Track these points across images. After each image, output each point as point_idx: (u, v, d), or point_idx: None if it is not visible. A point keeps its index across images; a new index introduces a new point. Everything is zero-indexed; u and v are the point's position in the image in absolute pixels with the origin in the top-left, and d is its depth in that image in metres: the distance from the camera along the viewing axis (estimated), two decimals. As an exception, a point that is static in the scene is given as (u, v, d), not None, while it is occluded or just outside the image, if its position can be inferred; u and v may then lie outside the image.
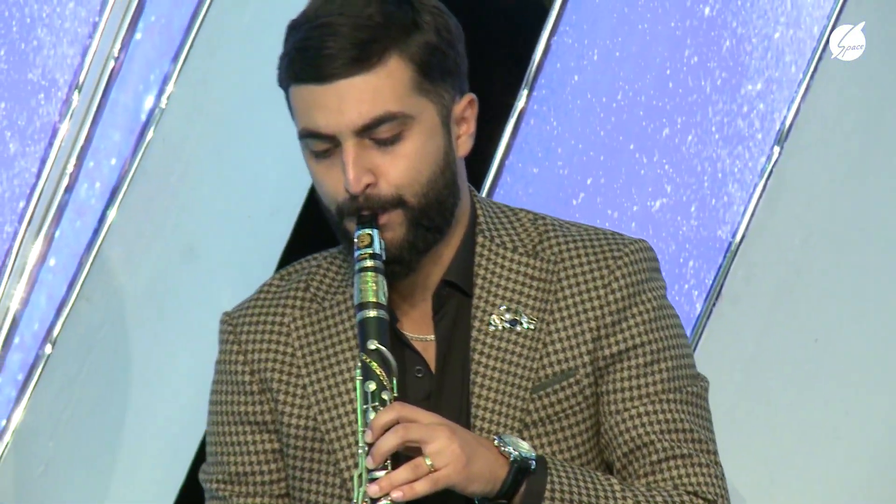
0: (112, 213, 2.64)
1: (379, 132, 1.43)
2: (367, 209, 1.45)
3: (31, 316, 2.64)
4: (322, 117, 1.43)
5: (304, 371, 1.54)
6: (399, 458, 1.36)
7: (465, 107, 1.53)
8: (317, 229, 2.73)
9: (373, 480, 1.36)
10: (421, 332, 1.55)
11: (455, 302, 1.54)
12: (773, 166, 2.73)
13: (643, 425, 1.49)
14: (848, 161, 2.73)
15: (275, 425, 1.56)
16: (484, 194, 2.68)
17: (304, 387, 1.54)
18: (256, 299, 1.61)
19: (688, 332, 2.69)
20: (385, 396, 1.39)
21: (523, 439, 1.47)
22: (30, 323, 2.64)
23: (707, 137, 2.74)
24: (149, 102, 2.68)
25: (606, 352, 1.51)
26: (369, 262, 1.43)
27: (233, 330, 1.60)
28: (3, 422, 2.62)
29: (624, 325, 1.51)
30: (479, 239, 1.55)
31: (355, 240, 1.45)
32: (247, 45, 2.68)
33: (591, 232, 1.58)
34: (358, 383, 1.41)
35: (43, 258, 2.64)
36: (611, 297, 1.51)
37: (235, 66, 2.68)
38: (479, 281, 1.53)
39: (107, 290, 2.64)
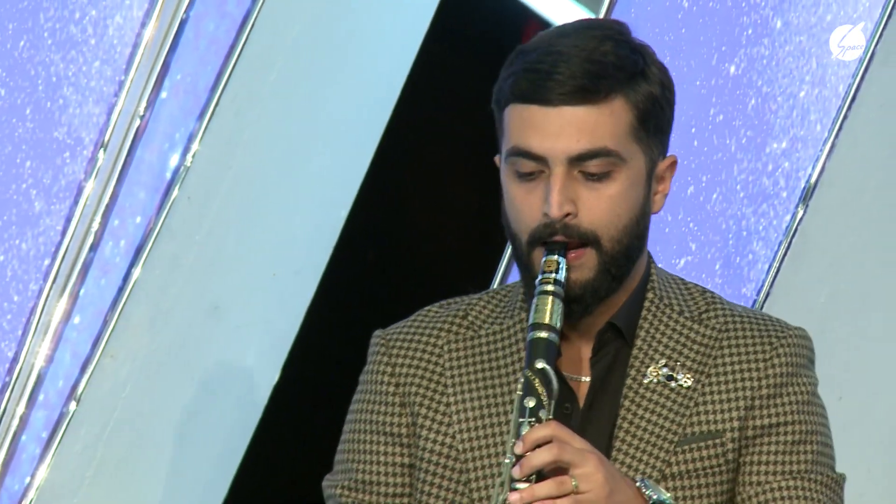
0: (137, 272, 2.64)
1: (589, 166, 1.44)
2: (563, 236, 1.45)
3: (55, 373, 2.64)
4: (538, 138, 1.43)
5: (449, 391, 1.54)
6: (542, 476, 1.38)
7: (668, 167, 1.57)
8: (341, 288, 2.75)
9: (514, 490, 1.37)
10: (576, 372, 1.55)
11: (615, 347, 1.54)
12: (797, 225, 2.74)
13: (783, 499, 1.49)
14: (872, 220, 2.74)
15: (410, 439, 1.56)
16: (507, 255, 2.67)
17: (448, 405, 1.54)
18: (413, 321, 1.61)
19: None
20: (542, 415, 1.40)
21: None
22: (54, 380, 2.64)
23: (732, 196, 2.74)
24: (174, 161, 2.67)
25: (758, 422, 1.51)
26: (551, 287, 1.43)
27: (385, 344, 1.59)
28: (28, 479, 2.62)
29: (779, 400, 1.52)
30: (650, 295, 1.56)
31: (542, 264, 1.44)
32: (272, 103, 2.69)
33: (757, 313, 1.60)
34: (517, 397, 1.42)
35: (68, 316, 2.64)
36: (770, 371, 1.52)
37: (261, 124, 2.68)
38: (643, 333, 1.53)
39: (131, 349, 2.64)
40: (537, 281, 1.44)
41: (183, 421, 2.68)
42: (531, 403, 1.39)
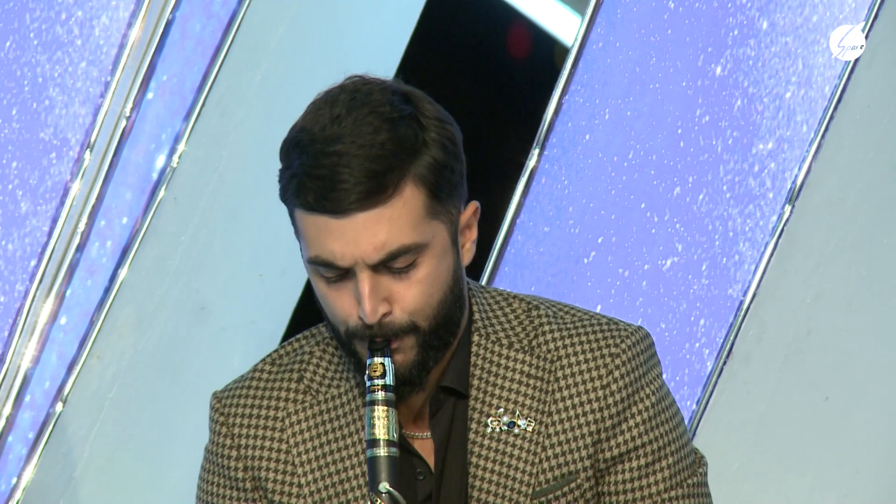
0: (123, 273, 2.65)
1: (395, 263, 1.39)
2: (381, 336, 1.40)
3: (41, 374, 2.64)
4: (338, 249, 1.37)
5: (299, 470, 1.50)
6: None
7: (470, 216, 1.47)
8: (328, 289, 2.73)
9: None
10: (419, 430, 1.52)
11: (451, 404, 1.50)
12: (784, 225, 2.74)
13: None
14: (858, 221, 2.74)
15: None
16: (494, 254, 2.67)
17: (300, 486, 1.49)
18: (248, 386, 1.55)
19: (698, 391, 2.70)
20: None
21: None
22: (41, 381, 2.64)
23: (718, 196, 2.74)
24: (160, 161, 2.67)
25: (607, 454, 1.48)
26: (380, 395, 1.39)
27: (225, 421, 1.53)
28: (14, 480, 2.63)
29: (624, 426, 1.48)
30: (475, 338, 1.51)
31: (367, 368, 1.40)
32: (258, 104, 2.68)
33: (587, 322, 1.52)
34: None
35: (54, 317, 2.64)
36: (610, 400, 1.48)
37: (247, 125, 2.68)
38: (476, 382, 1.49)
39: (118, 349, 2.64)
40: (367, 387, 1.40)
41: (169, 422, 2.68)
42: None
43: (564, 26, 2.83)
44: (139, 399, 2.68)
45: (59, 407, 2.64)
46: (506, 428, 1.47)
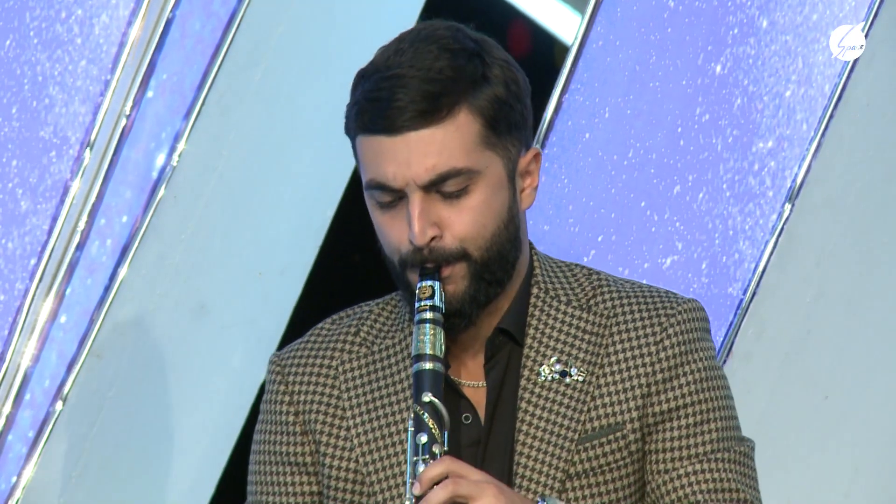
0: (123, 271, 2.65)
1: (445, 186, 1.43)
2: (431, 261, 1.44)
3: (41, 373, 2.65)
4: (391, 170, 1.42)
5: (348, 413, 1.53)
6: None
7: (531, 160, 1.51)
8: (327, 287, 2.74)
9: None
10: (473, 379, 1.54)
11: (507, 350, 1.53)
12: (783, 224, 2.74)
13: (690, 485, 1.48)
14: (858, 219, 2.74)
15: (315, 467, 1.55)
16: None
17: (348, 429, 1.53)
18: (306, 342, 1.60)
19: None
20: (436, 450, 1.39)
21: (565, 490, 1.48)
22: (41, 380, 2.65)
23: (718, 195, 2.74)
24: (160, 160, 2.67)
25: (656, 409, 1.50)
26: (429, 315, 1.43)
27: (280, 371, 1.58)
28: (14, 479, 2.63)
29: (675, 382, 1.50)
30: (534, 290, 1.54)
31: (417, 291, 1.44)
32: (258, 103, 2.69)
33: (645, 289, 1.57)
34: (409, 434, 1.41)
35: (54, 315, 2.64)
36: (662, 355, 1.50)
37: (247, 124, 2.69)
38: (532, 331, 1.52)
39: (118, 348, 2.65)
40: (416, 308, 1.44)
41: (169, 420, 2.68)
42: (423, 439, 1.39)
43: (564, 25, 2.83)
44: (139, 398, 2.68)
45: (58, 405, 2.64)
46: (558, 376, 1.50)
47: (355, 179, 2.72)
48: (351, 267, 2.84)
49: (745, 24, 2.77)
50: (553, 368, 1.50)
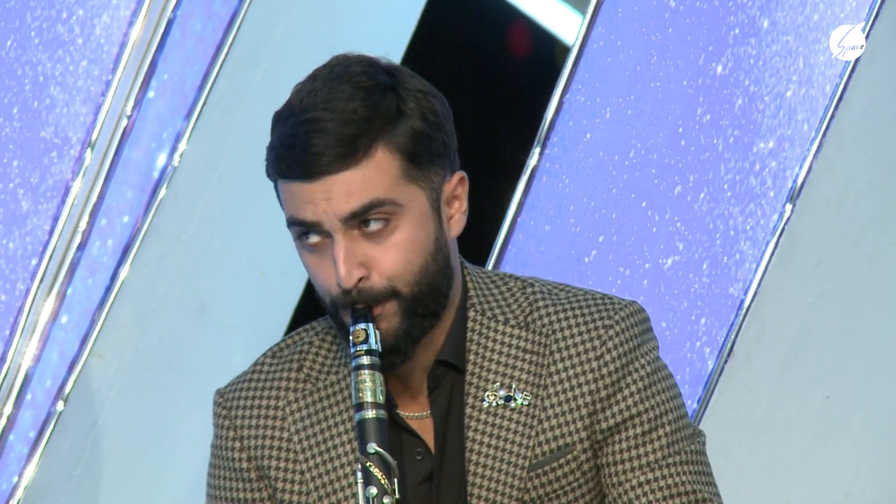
0: (124, 271, 2.65)
1: (369, 223, 1.42)
2: (361, 302, 1.42)
3: (43, 373, 2.65)
4: (310, 210, 1.42)
5: (301, 457, 1.52)
6: None
7: (456, 185, 1.49)
8: (329, 287, 2.73)
9: None
10: (418, 411, 1.53)
11: (450, 380, 1.52)
12: (785, 224, 2.74)
13: (645, 494, 1.47)
14: (859, 219, 2.74)
15: None
16: (495, 252, 2.68)
17: (303, 472, 1.51)
18: (249, 380, 1.57)
19: (699, 390, 2.70)
20: (386, 501, 1.38)
21: None
22: (42, 380, 2.65)
23: (719, 195, 2.74)
24: (161, 160, 2.68)
25: (603, 425, 1.49)
26: (366, 360, 1.41)
27: (227, 414, 1.55)
28: (15, 479, 2.63)
29: (619, 396, 1.49)
30: (471, 314, 1.52)
31: (351, 336, 1.42)
32: (259, 102, 2.69)
33: (581, 298, 1.54)
34: (360, 488, 1.40)
35: (55, 315, 2.65)
36: (604, 370, 1.48)
37: (248, 124, 2.68)
38: (472, 357, 1.50)
39: (119, 348, 2.65)
40: (351, 353, 1.42)
41: (170, 420, 2.68)
42: (373, 492, 1.38)
43: (565, 25, 2.83)
44: (140, 397, 2.68)
45: (60, 406, 2.64)
46: (502, 402, 1.48)
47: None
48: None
49: (746, 24, 2.77)
50: (497, 394, 1.48)
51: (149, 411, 2.68)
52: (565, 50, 2.75)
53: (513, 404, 1.48)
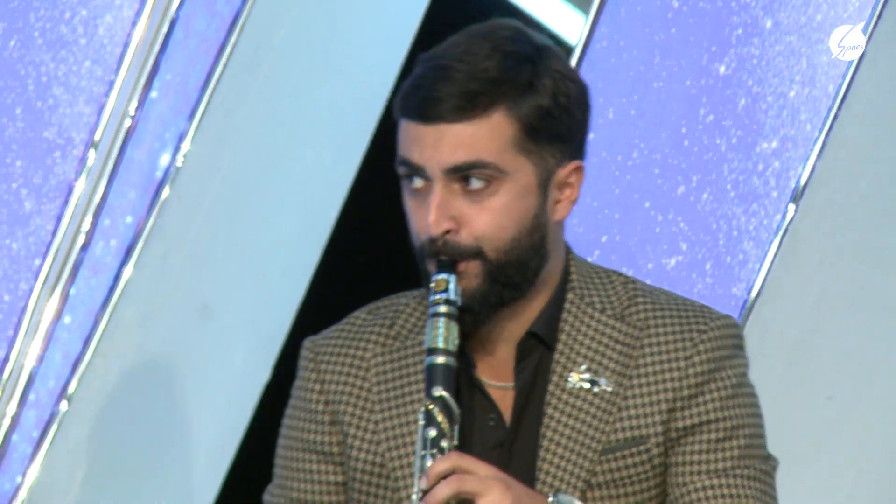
0: (127, 272, 2.65)
1: (470, 181, 1.44)
2: (446, 254, 1.45)
3: (46, 373, 2.66)
4: (418, 151, 1.43)
5: (376, 407, 1.53)
6: None
7: (571, 172, 1.48)
8: (331, 288, 2.73)
9: None
10: (501, 381, 1.53)
11: (538, 355, 1.52)
12: (788, 224, 2.73)
13: (707, 499, 1.48)
14: (863, 219, 2.75)
15: (341, 458, 1.54)
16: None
17: (376, 423, 1.53)
18: (341, 331, 1.59)
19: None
20: (444, 444, 1.39)
21: (585, 500, 1.48)
22: (45, 380, 2.66)
23: (722, 195, 2.75)
24: (164, 160, 2.68)
25: (680, 424, 1.49)
26: (442, 308, 1.42)
27: (313, 358, 1.57)
28: (19, 479, 2.64)
29: (700, 398, 1.48)
30: (570, 296, 1.52)
31: (432, 284, 1.44)
32: (263, 103, 2.69)
33: (680, 302, 1.55)
34: (420, 429, 1.41)
35: (58, 316, 2.66)
36: (690, 371, 1.48)
37: (251, 124, 2.69)
38: (563, 336, 1.51)
39: (122, 348, 2.67)
40: (430, 301, 1.44)
41: (173, 420, 2.69)
42: (432, 434, 1.39)
43: (568, 25, 2.82)
44: (143, 398, 2.69)
45: (63, 406, 2.65)
46: (586, 385, 1.49)
47: (359, 179, 2.72)
48: (355, 266, 2.83)
49: (749, 24, 2.77)
50: (582, 377, 1.49)
51: (151, 411, 2.69)
52: (568, 50, 2.75)
53: (596, 389, 1.49)
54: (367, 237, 2.85)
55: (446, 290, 1.42)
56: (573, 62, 2.68)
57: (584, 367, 1.49)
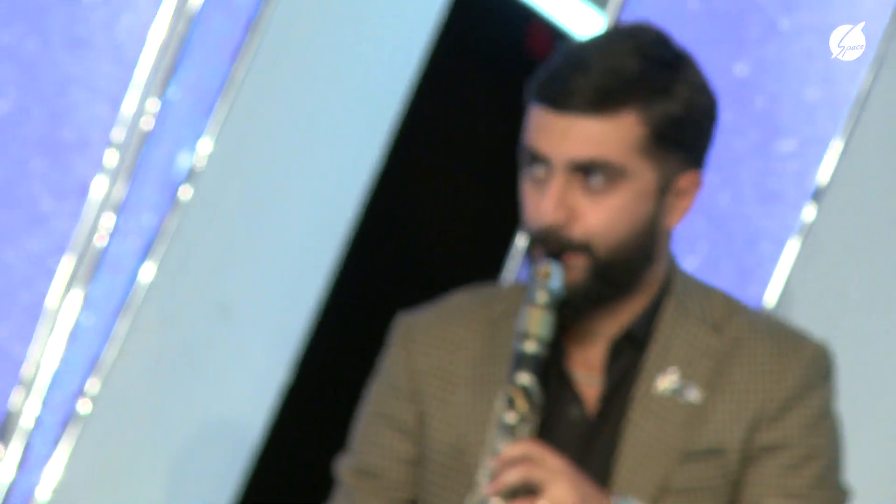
0: (147, 272, 2.63)
1: (591, 178, 1.45)
2: (554, 244, 1.45)
3: (66, 374, 2.64)
4: (544, 140, 1.45)
5: (460, 388, 1.54)
6: (517, 494, 1.37)
7: (690, 182, 1.52)
8: (350, 288, 2.74)
9: None
10: (590, 376, 1.54)
11: (630, 355, 1.54)
12: (807, 225, 2.74)
13: None
14: (882, 220, 2.76)
15: (417, 434, 1.56)
16: (517, 253, 2.67)
17: (457, 404, 1.54)
18: (439, 308, 1.61)
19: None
20: (521, 431, 1.40)
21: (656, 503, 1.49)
22: (66, 381, 2.64)
23: (742, 196, 2.73)
24: (183, 161, 2.66)
25: (760, 442, 1.50)
26: (542, 296, 1.43)
27: (405, 333, 1.59)
28: (40, 480, 2.63)
29: (784, 420, 1.50)
30: (669, 302, 1.54)
31: (535, 271, 1.46)
32: (282, 103, 2.69)
33: (779, 326, 1.58)
34: (498, 412, 1.42)
35: (78, 316, 2.64)
36: (778, 391, 1.50)
37: (271, 124, 2.68)
38: (658, 340, 1.52)
39: (142, 348, 2.63)
40: (529, 287, 1.45)
41: (194, 421, 2.69)
42: (511, 419, 1.40)
43: (586, 25, 2.82)
44: (164, 398, 2.68)
45: (84, 407, 2.64)
46: (674, 393, 1.50)
47: (379, 179, 2.72)
48: (374, 266, 2.83)
49: (766, 24, 2.76)
50: (671, 382, 1.50)
51: (172, 411, 2.69)
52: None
53: (683, 396, 1.49)
54: (386, 236, 2.85)
55: (549, 279, 1.43)
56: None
57: (673, 373, 1.50)
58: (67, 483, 2.62)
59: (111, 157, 2.64)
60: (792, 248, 2.73)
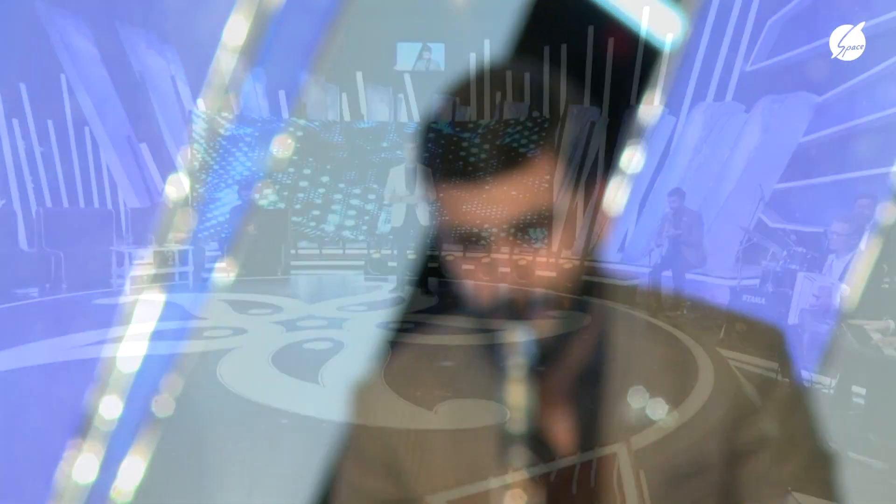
0: (223, 276, 2.61)
1: None
2: None
3: (146, 374, 2.63)
4: None
5: None
6: None
7: None
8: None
9: None
10: None
11: None
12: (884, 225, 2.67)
13: None
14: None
15: None
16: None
17: None
18: None
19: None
20: None
21: None
22: (145, 381, 2.63)
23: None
24: (253, 160, 2.63)
25: None
26: None
27: None
28: (119, 480, 2.61)
29: None
30: None
31: None
32: (353, 103, 2.62)
33: None
34: None
35: (157, 317, 2.63)
36: None
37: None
38: None
39: (221, 350, 2.61)
40: None
41: (269, 423, 2.68)
42: None
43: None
44: (244, 400, 2.68)
45: (164, 408, 2.64)
46: None
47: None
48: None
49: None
50: None
51: (248, 414, 2.68)
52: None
53: None
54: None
55: None
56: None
57: None
58: (147, 483, 2.62)
59: (186, 157, 2.64)
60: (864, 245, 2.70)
